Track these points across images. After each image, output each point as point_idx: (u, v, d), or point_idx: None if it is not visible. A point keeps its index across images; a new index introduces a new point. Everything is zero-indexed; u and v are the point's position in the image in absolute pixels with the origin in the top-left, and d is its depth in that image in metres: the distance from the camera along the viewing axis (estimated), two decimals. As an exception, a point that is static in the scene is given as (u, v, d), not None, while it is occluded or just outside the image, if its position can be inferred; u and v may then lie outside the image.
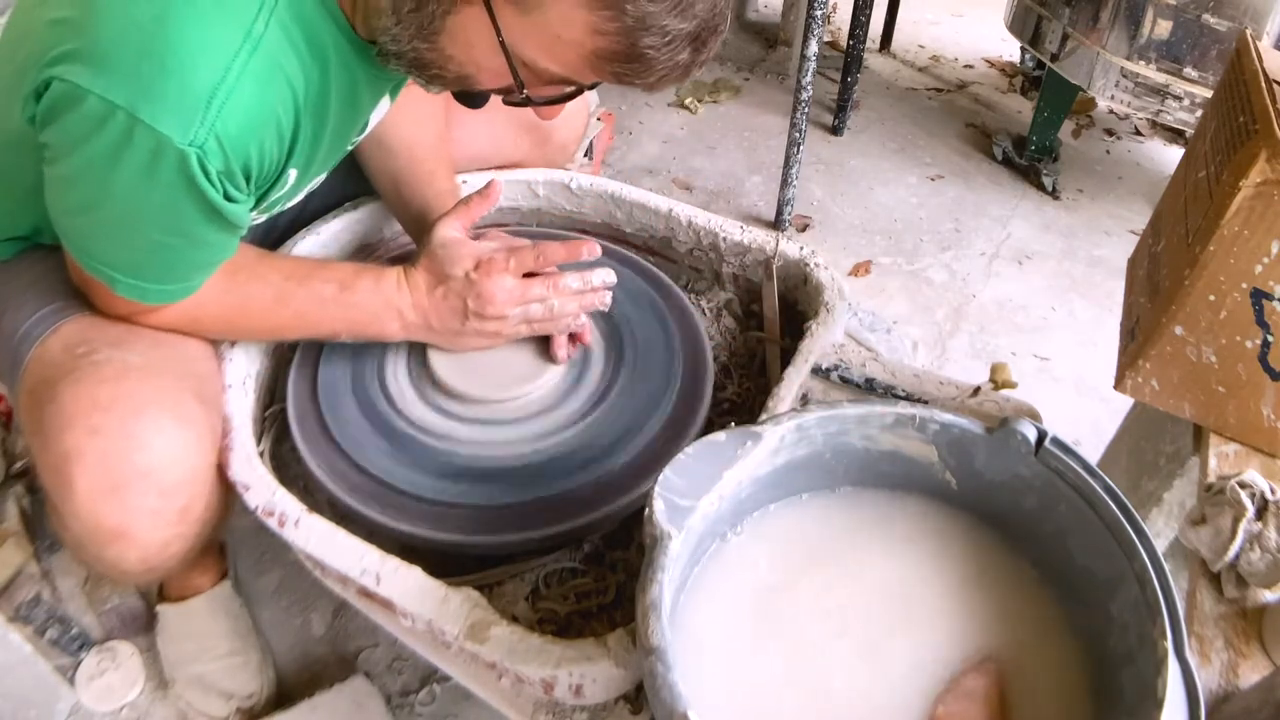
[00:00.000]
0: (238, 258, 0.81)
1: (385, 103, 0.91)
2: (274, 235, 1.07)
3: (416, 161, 1.02)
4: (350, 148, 0.93)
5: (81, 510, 0.73)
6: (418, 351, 0.95)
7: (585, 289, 0.91)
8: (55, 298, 0.83)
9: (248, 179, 0.73)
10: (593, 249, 0.90)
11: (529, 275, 0.89)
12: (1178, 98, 1.78)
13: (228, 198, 0.71)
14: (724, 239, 1.09)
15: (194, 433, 0.78)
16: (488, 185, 0.94)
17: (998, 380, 0.84)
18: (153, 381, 0.77)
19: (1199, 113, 1.69)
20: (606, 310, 0.95)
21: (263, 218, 0.88)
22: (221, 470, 0.83)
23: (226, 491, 0.85)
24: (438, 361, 0.93)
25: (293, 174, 0.80)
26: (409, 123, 1.00)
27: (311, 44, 0.73)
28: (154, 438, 0.74)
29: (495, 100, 0.87)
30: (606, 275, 0.92)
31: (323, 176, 0.91)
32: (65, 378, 0.75)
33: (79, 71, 0.64)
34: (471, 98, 0.77)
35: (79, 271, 0.78)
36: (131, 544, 0.75)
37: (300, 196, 0.89)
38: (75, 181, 0.69)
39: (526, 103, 0.73)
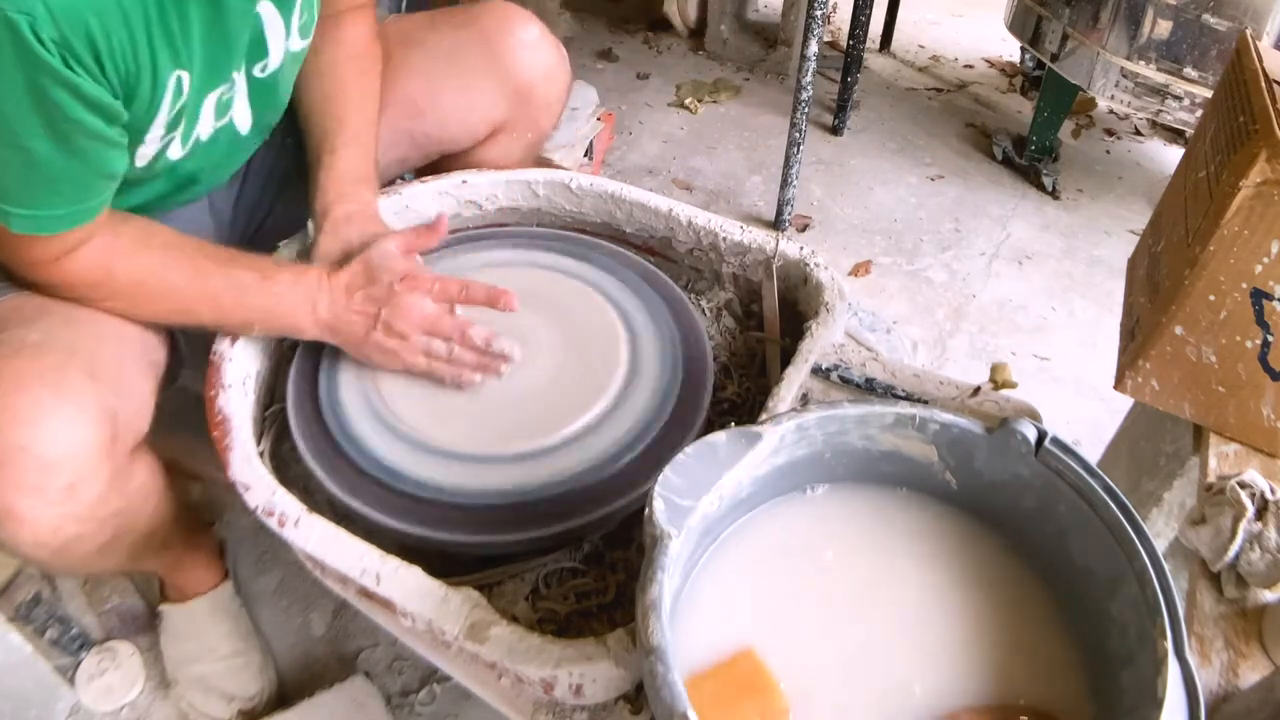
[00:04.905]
0: (157, 228, 0.78)
1: (277, 21, 0.87)
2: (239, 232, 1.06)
3: (312, 123, 1.00)
4: (262, 75, 0.89)
5: None
6: None
7: (486, 351, 0.90)
8: None
9: (97, 61, 0.69)
10: (509, 302, 0.89)
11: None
12: (1178, 98, 1.78)
13: (76, 75, 0.67)
14: (724, 239, 1.09)
15: (74, 407, 0.76)
16: (436, 219, 0.94)
17: (998, 380, 0.84)
18: (41, 358, 0.75)
19: (1199, 113, 1.69)
20: (499, 378, 0.92)
21: (180, 146, 0.83)
22: (168, 466, 0.82)
23: (149, 480, 0.84)
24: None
25: (184, 76, 0.77)
26: (308, 80, 0.99)
27: None
28: (30, 412, 0.73)
29: (472, 64, 0.86)
30: (513, 349, 0.90)
31: (245, 116, 0.87)
32: None
33: None
34: None
35: None
36: (20, 523, 0.74)
37: (221, 121, 0.86)
38: None
39: None
